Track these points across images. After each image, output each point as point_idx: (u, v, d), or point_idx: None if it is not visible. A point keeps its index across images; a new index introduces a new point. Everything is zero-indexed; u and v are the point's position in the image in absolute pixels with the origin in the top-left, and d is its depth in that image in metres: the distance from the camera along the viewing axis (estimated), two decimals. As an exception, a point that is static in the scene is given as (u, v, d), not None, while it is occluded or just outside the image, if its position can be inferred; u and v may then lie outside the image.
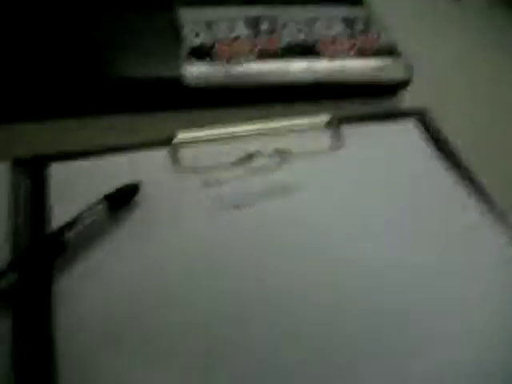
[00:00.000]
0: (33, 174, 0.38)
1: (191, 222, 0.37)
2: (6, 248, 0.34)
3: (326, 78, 0.46)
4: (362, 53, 0.48)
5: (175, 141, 0.41)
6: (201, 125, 0.42)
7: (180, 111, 0.44)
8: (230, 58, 0.45)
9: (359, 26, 0.50)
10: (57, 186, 0.38)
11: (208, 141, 0.42)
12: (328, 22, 0.49)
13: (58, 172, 0.39)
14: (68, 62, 0.42)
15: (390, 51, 0.48)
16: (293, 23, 0.48)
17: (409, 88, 0.49)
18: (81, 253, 0.35)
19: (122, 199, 0.37)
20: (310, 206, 0.39)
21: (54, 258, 0.33)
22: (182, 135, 0.41)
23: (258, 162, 0.41)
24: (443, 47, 0.56)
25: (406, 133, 0.46)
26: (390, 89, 0.49)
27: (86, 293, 0.33)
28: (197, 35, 0.46)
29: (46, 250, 0.33)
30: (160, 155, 0.41)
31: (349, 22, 0.50)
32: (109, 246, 0.35)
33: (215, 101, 0.44)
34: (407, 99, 0.50)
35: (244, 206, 0.38)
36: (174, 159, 0.40)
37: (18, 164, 0.38)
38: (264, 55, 0.45)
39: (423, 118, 0.47)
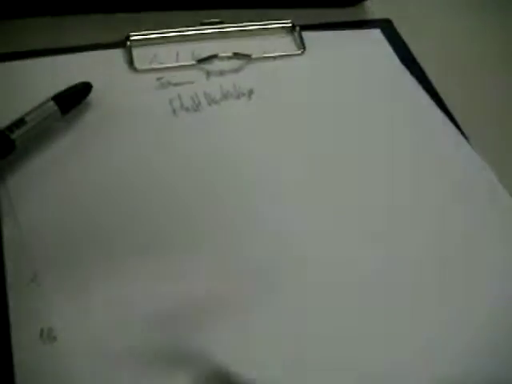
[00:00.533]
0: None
1: (146, 123, 0.36)
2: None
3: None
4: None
5: (130, 41, 0.39)
6: (158, 27, 0.40)
7: (137, 13, 0.42)
8: (189, -43, 0.42)
9: None
10: (2, 87, 0.36)
11: (165, 42, 0.40)
12: None
13: (4, 72, 0.37)
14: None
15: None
16: None
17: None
18: (30, 154, 0.33)
19: (73, 99, 0.35)
20: (269, 110, 0.38)
21: (2, 156, 0.32)
22: (137, 36, 0.39)
23: (216, 65, 0.40)
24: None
25: (371, 40, 0.45)
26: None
27: (36, 194, 0.32)
28: None
29: (-6, 147, 0.32)
30: (114, 56, 0.39)
31: None
32: (59, 148, 0.34)
33: (173, 1, 0.42)
34: (372, 10, 0.48)
35: (201, 109, 0.37)
36: (129, 60, 0.39)
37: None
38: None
39: (387, 29, 0.46)
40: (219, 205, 0.33)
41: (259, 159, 0.36)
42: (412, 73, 0.43)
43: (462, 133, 0.40)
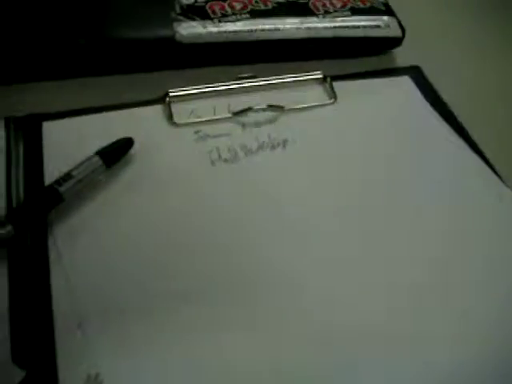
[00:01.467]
0: (29, 132, 0.39)
1: (186, 175, 0.38)
2: (2, 203, 0.34)
3: (318, 35, 0.46)
4: (354, 11, 0.48)
5: (169, 97, 0.41)
6: (195, 82, 0.43)
7: (175, 70, 0.44)
8: (223, 17, 0.45)
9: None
10: (51, 143, 0.38)
11: (202, 97, 0.42)
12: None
13: (53, 130, 0.39)
14: (65, 24, 0.42)
15: (381, 9, 0.48)
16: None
17: (401, 47, 0.49)
18: (77, 206, 0.35)
19: (116, 154, 0.37)
20: (304, 159, 0.40)
21: (50, 209, 0.34)
22: (176, 92, 0.41)
23: (251, 117, 0.41)
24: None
25: (401, 87, 0.46)
26: (382, 47, 0.49)
27: (82, 244, 0.34)
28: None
29: (43, 200, 0.34)
30: (154, 112, 0.41)
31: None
32: (104, 200, 0.36)
33: (208, 59, 0.45)
34: (399, 58, 0.50)
35: (238, 160, 0.39)
36: (168, 115, 0.40)
37: (15, 123, 0.39)
38: (256, 13, 0.45)
39: (416, 76, 0.47)
40: (259, 253, 0.34)
41: (296, 208, 0.37)
42: (443, 116, 0.44)
43: (496, 173, 0.40)
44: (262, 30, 0.45)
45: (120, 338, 0.30)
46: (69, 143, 0.38)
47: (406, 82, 0.46)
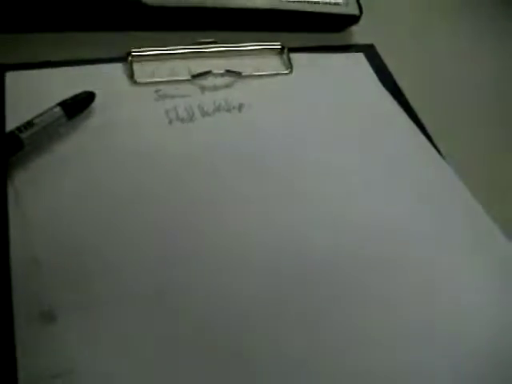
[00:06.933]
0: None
1: (144, 132, 0.39)
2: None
3: (280, 7, 0.47)
4: (316, -13, 0.50)
5: (131, 56, 0.43)
6: (158, 45, 0.44)
7: (139, 31, 0.46)
8: (188, -18, 0.46)
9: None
10: (14, 93, 0.39)
11: (163, 58, 0.44)
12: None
13: (16, 80, 0.40)
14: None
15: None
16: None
17: (359, 25, 0.51)
18: (37, 155, 0.36)
19: (77, 106, 0.38)
20: (258, 122, 0.42)
21: (10, 155, 0.35)
22: (139, 52, 0.43)
23: (210, 81, 0.43)
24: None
25: (354, 63, 0.49)
26: (341, 24, 0.51)
27: (41, 191, 0.35)
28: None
29: (3, 146, 0.35)
30: (116, 69, 0.42)
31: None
32: (63, 150, 0.37)
33: (173, 23, 0.46)
34: (356, 36, 0.52)
35: (194, 120, 0.41)
36: (130, 73, 0.42)
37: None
38: (221, -19, 0.47)
39: (370, 53, 0.50)
40: (212, 209, 0.36)
41: (256, 165, 0.39)
42: (392, 93, 0.46)
43: (438, 150, 0.43)
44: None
45: (75, 276, 0.32)
46: (31, 94, 0.39)
47: (359, 58, 0.49)
